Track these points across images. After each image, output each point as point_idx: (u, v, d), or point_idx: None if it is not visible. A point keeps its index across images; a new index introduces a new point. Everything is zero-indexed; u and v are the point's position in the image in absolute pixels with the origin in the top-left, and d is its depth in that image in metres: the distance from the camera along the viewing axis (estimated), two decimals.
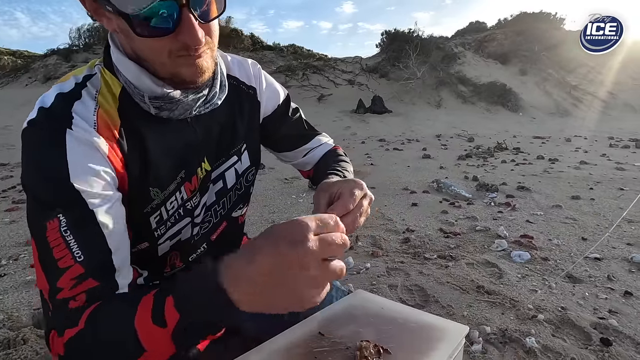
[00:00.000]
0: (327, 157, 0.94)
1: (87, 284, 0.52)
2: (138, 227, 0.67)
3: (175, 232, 0.73)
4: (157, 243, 0.72)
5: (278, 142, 0.92)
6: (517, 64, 14.65)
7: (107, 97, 0.62)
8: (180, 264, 0.82)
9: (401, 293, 1.70)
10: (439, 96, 12.10)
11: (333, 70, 13.49)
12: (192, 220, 0.75)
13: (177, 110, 0.64)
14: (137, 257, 0.73)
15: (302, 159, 0.94)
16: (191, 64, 0.60)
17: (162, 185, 0.67)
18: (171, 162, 0.68)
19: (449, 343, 0.78)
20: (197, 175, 0.72)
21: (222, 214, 0.83)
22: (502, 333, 1.36)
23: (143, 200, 0.65)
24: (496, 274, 1.87)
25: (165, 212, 0.69)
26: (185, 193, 0.71)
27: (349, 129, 8.57)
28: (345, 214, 0.59)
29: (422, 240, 2.34)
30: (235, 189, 0.82)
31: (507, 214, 2.89)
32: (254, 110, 0.84)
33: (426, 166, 4.82)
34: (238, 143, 0.80)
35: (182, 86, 0.63)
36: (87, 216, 0.55)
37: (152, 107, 0.62)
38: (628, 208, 2.31)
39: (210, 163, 0.74)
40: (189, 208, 0.73)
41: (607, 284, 1.77)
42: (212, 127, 0.74)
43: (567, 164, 4.95)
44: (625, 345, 1.31)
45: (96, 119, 0.59)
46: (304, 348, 0.73)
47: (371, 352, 0.69)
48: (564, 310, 1.51)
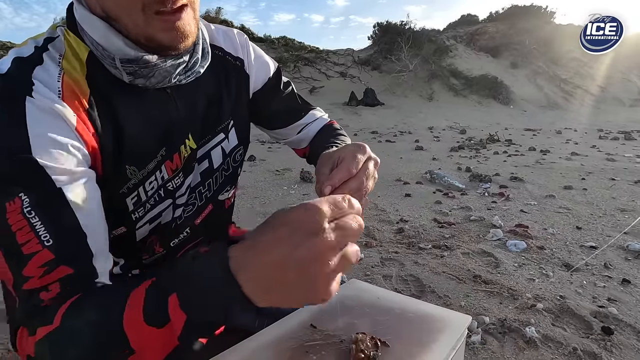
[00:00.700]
0: (323, 132, 0.87)
1: (60, 272, 0.46)
2: (114, 210, 0.59)
3: (155, 215, 0.66)
4: (136, 227, 0.64)
5: (270, 119, 0.85)
6: (508, 57, 14.72)
7: (72, 62, 0.53)
8: (160, 250, 0.74)
9: (396, 283, 1.65)
10: (431, 89, 12.09)
11: (325, 63, 13.37)
12: (174, 202, 0.68)
13: (154, 77, 0.56)
14: (113, 243, 0.66)
15: (296, 135, 0.87)
16: (170, 28, 0.52)
17: (140, 163, 0.59)
18: (150, 137, 0.60)
19: (451, 334, 0.72)
20: (180, 153, 0.64)
21: (208, 196, 0.76)
22: (501, 323, 1.31)
23: (118, 179, 0.57)
24: (493, 263, 1.83)
25: (144, 193, 0.62)
26: (167, 172, 0.63)
27: (341, 121, 8.49)
28: (350, 178, 0.53)
29: (417, 231, 2.29)
30: (222, 169, 0.75)
31: (501, 204, 2.86)
32: (242, 84, 0.76)
33: (419, 158, 4.79)
34: (225, 119, 0.72)
35: (161, 52, 0.55)
36: (54, 195, 0.47)
37: (125, 72, 0.54)
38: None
39: (195, 140, 0.67)
40: (170, 189, 0.65)
41: (604, 272, 1.74)
42: (197, 100, 0.66)
43: (559, 155, 4.97)
44: (627, 333, 1.28)
45: (61, 86, 0.50)
46: (295, 341, 0.66)
47: (368, 345, 0.63)
48: (563, 299, 1.47)
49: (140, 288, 0.41)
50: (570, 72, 14.14)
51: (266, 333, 0.69)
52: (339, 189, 0.53)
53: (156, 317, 0.39)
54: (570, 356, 1.16)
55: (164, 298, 0.38)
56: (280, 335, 0.68)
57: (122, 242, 0.65)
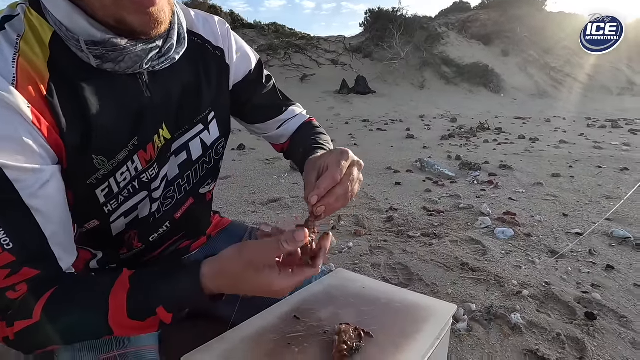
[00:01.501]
0: (303, 129, 0.86)
1: (25, 273, 0.48)
2: (83, 203, 0.56)
3: (130, 207, 0.63)
4: (110, 220, 0.62)
5: (249, 113, 0.82)
6: (499, 45, 14.70)
7: (32, 44, 0.49)
8: (139, 245, 0.72)
9: (384, 272, 1.65)
10: (422, 77, 12.05)
11: (316, 50, 13.18)
12: (150, 195, 0.65)
13: (124, 62, 0.52)
14: (87, 237, 0.63)
15: (275, 131, 0.85)
16: (143, 12, 0.48)
17: (109, 153, 0.56)
18: (120, 125, 0.56)
19: (435, 323, 0.71)
20: (153, 143, 0.61)
21: (187, 189, 0.73)
22: (487, 310, 1.33)
23: (85, 170, 0.54)
24: (480, 250, 1.84)
25: (116, 185, 0.59)
26: (140, 163, 0.60)
27: (333, 109, 8.44)
28: (336, 185, 0.56)
29: (406, 219, 2.30)
30: (203, 161, 0.73)
31: (490, 192, 2.88)
32: (222, 75, 0.72)
33: (409, 146, 4.78)
34: (204, 110, 0.69)
35: (131, 36, 0.51)
36: (11, 198, 0.45)
37: (92, 55, 0.50)
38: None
39: (170, 131, 0.64)
40: (144, 180, 0.62)
41: (589, 258, 1.77)
42: (172, 89, 0.63)
43: (548, 143, 5.01)
44: (609, 318, 1.30)
45: (15, 71, 0.46)
46: (277, 333, 0.65)
47: (351, 336, 0.62)
48: (548, 286, 1.49)
49: (119, 290, 0.50)
50: (560, 61, 14.20)
51: (248, 325, 0.67)
52: (326, 197, 0.56)
53: (142, 315, 0.50)
54: (554, 341, 1.18)
55: (152, 308, 0.50)
56: (262, 327, 0.66)
57: (97, 235, 0.63)
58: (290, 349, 0.61)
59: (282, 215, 2.43)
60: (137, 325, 0.50)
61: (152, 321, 0.50)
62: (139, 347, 0.62)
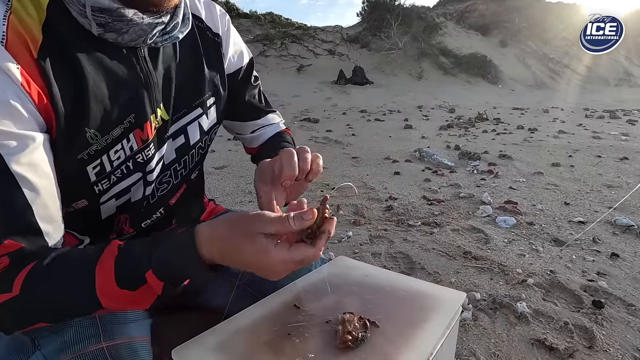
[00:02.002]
0: (274, 139, 0.85)
1: (8, 246, 0.45)
2: (72, 179, 0.53)
3: (122, 189, 0.60)
4: (99, 201, 0.58)
5: (230, 109, 0.80)
6: (497, 35, 14.61)
7: (25, 4, 0.45)
8: (131, 231, 0.68)
9: (385, 261, 1.61)
10: (420, 67, 11.96)
11: (313, 40, 13.03)
12: (145, 177, 0.62)
13: (128, 34, 0.50)
14: (74, 218, 0.59)
15: (250, 134, 0.84)
16: None
17: (103, 127, 0.53)
18: (116, 100, 0.53)
19: (444, 312, 0.66)
20: (150, 122, 0.58)
21: (183, 174, 0.70)
22: (492, 299, 1.29)
23: (76, 143, 0.51)
24: (482, 239, 1.81)
25: (109, 163, 0.55)
26: (136, 142, 0.57)
27: (330, 100, 8.36)
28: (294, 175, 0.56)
29: (406, 208, 2.25)
30: (199, 147, 0.70)
31: (490, 181, 2.85)
32: (220, 61, 0.70)
33: (408, 136, 4.74)
34: (204, 94, 0.67)
35: (140, 7, 0.49)
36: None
37: (95, 23, 0.47)
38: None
39: (168, 111, 0.61)
40: (140, 161, 0.59)
41: (593, 246, 1.74)
42: (172, 69, 0.60)
43: (546, 134, 4.99)
44: (617, 306, 1.27)
45: (6, 30, 0.43)
46: (276, 323, 0.60)
47: (356, 325, 0.57)
48: (553, 274, 1.46)
49: (106, 256, 0.46)
50: (558, 52, 14.15)
51: (244, 315, 0.62)
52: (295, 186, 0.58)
53: (132, 284, 0.45)
54: (562, 330, 1.15)
55: (141, 272, 0.45)
56: (260, 316, 0.62)
57: (85, 217, 0.59)
58: (290, 339, 0.56)
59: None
60: (127, 296, 0.46)
61: (144, 291, 0.46)
62: (131, 338, 0.59)
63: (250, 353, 0.52)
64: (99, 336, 0.56)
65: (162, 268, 0.45)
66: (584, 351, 1.06)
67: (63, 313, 0.48)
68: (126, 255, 0.46)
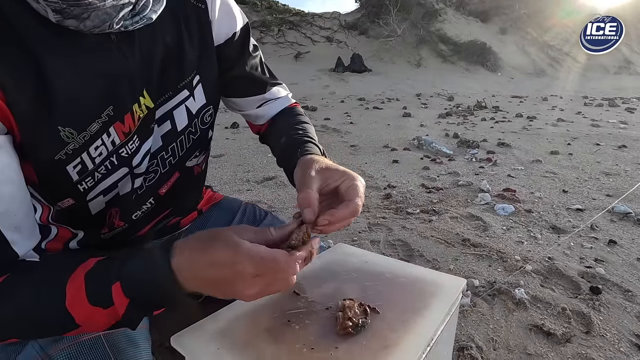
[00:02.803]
0: (286, 115, 0.77)
1: None
2: (53, 180, 0.50)
3: (109, 185, 0.56)
4: (86, 199, 0.55)
5: (228, 84, 0.72)
6: (497, 22, 14.43)
7: None
8: (122, 224, 0.65)
9: (384, 248, 1.61)
10: (419, 55, 11.83)
11: (310, 27, 12.84)
12: (131, 172, 0.58)
13: (90, 19, 0.44)
14: (64, 216, 0.57)
15: (255, 110, 0.76)
16: None
17: (78, 124, 0.49)
18: (89, 93, 0.49)
19: (444, 298, 0.66)
20: (133, 113, 0.54)
21: (172, 162, 0.65)
22: (491, 285, 1.29)
23: (50, 144, 0.47)
24: (481, 226, 1.81)
25: (90, 160, 0.52)
26: (118, 136, 0.53)
27: (328, 87, 8.27)
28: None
29: (404, 196, 2.25)
30: (188, 132, 0.65)
31: (488, 169, 2.84)
32: (205, 31, 0.63)
33: (406, 124, 4.71)
34: (189, 73, 0.61)
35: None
36: None
37: (50, 9, 0.42)
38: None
39: (152, 98, 0.56)
40: (124, 156, 0.55)
41: (591, 233, 1.74)
42: (153, 50, 0.55)
43: (545, 122, 4.97)
44: (614, 292, 1.28)
45: None
46: (275, 310, 0.60)
47: (356, 311, 0.56)
48: (551, 261, 1.46)
49: (76, 274, 0.43)
50: (558, 39, 14.01)
51: (243, 303, 0.62)
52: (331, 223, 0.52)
53: (100, 298, 0.42)
54: (560, 316, 1.15)
55: (107, 283, 0.42)
56: (259, 304, 0.61)
57: (76, 214, 0.57)
58: (290, 326, 0.56)
59: (277, 193, 2.37)
60: (100, 313, 0.42)
61: (112, 310, 0.43)
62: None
63: (249, 340, 0.52)
64: None
65: (131, 281, 0.42)
66: (581, 336, 1.07)
67: (35, 330, 0.45)
68: (98, 268, 0.43)
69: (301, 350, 0.50)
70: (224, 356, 0.48)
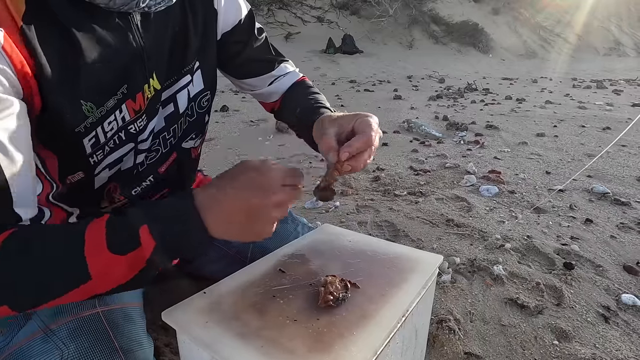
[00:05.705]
0: (297, 88, 0.82)
1: None
2: (70, 153, 0.53)
3: (115, 159, 0.60)
4: (94, 172, 0.59)
5: (240, 67, 0.78)
6: (490, 2, 14.24)
7: None
8: (122, 198, 0.69)
9: (371, 229, 1.66)
10: (410, 36, 11.69)
11: (301, 6, 12.52)
12: (136, 147, 0.62)
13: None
14: (67, 192, 0.59)
15: (267, 87, 0.81)
16: None
17: (98, 99, 0.52)
18: (110, 70, 0.52)
19: (422, 273, 0.71)
20: (143, 92, 0.57)
21: (172, 143, 0.70)
22: (471, 263, 1.36)
23: (74, 116, 0.50)
24: (465, 207, 1.87)
25: (103, 134, 0.55)
26: (128, 113, 0.57)
27: (319, 69, 8.17)
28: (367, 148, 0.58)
29: (393, 179, 2.29)
30: (186, 114, 0.69)
31: (475, 152, 2.89)
32: (210, 21, 0.67)
33: (397, 107, 4.71)
34: (191, 60, 0.65)
35: None
36: None
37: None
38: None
39: (160, 81, 0.60)
40: (132, 132, 0.59)
41: (569, 213, 1.82)
42: (164, 36, 0.59)
43: (534, 104, 5.01)
44: (586, 267, 1.35)
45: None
46: (261, 286, 0.64)
47: (337, 286, 0.61)
48: (530, 239, 1.53)
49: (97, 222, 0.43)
50: (550, 20, 13.93)
51: (231, 279, 0.65)
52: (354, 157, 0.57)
53: (123, 245, 0.42)
54: (533, 290, 1.22)
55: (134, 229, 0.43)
56: (246, 281, 0.65)
57: (79, 189, 0.60)
58: (275, 300, 0.60)
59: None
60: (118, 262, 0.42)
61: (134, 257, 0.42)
62: (124, 304, 0.62)
63: (236, 313, 0.56)
64: (94, 301, 0.58)
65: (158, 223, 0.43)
66: (552, 308, 1.15)
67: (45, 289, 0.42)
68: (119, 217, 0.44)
69: (284, 322, 0.54)
70: (212, 329, 0.52)
